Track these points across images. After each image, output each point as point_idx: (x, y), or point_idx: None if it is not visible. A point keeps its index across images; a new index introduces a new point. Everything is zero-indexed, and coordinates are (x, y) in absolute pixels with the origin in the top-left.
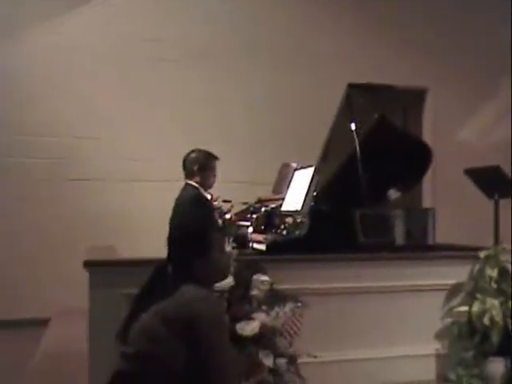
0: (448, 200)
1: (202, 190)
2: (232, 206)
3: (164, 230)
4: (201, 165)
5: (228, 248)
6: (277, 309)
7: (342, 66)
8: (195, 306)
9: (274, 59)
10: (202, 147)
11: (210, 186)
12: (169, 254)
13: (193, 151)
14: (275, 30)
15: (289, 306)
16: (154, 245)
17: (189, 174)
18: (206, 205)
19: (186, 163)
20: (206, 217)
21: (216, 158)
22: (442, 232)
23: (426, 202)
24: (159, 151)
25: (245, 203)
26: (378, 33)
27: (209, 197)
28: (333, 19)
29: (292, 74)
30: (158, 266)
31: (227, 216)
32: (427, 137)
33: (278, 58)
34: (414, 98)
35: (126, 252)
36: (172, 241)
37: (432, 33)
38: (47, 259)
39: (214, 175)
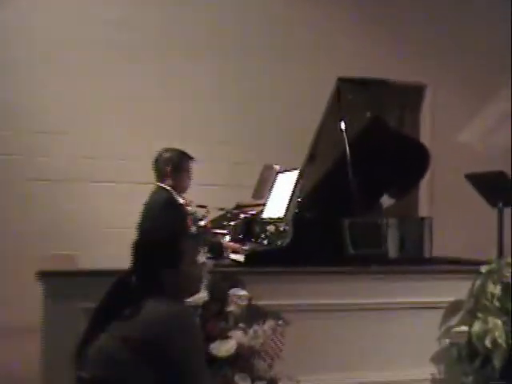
0: (447, 208)
1: (174, 194)
2: (207, 212)
3: (130, 238)
4: (174, 166)
5: (202, 258)
6: (256, 327)
7: (334, 61)
8: (165, 323)
9: (256, 54)
10: (176, 146)
11: (183, 190)
12: (134, 264)
13: (165, 150)
14: (259, 24)
15: (269, 324)
16: (119, 254)
17: (160, 176)
18: (179, 210)
19: (158, 164)
20: (177, 223)
21: (191, 158)
22: (440, 243)
23: (423, 211)
24: (127, 150)
25: (222, 209)
26: (374, 28)
27: (182, 201)
28: (328, 15)
29: (278, 70)
30: (120, 277)
31: (202, 223)
32: (425, 138)
33: (261, 53)
34: (412, 96)
35: (87, 261)
36: (138, 248)
37: (432, 32)
38: None
39: (189, 177)
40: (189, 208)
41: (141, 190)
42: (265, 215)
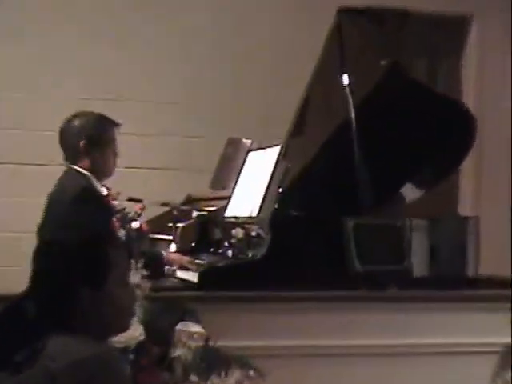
0: (499, 203)
1: (93, 180)
2: (143, 209)
3: (26, 246)
4: (90, 138)
5: (135, 277)
6: (215, 379)
7: None
8: (76, 373)
9: None
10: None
11: (107, 173)
12: (32, 284)
13: (75, 116)
14: None
15: (235, 376)
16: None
17: (71, 155)
18: (100, 204)
19: (66, 137)
20: (98, 224)
21: (115, 123)
22: (491, 255)
23: (465, 206)
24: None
25: (165, 204)
26: None
27: (104, 192)
28: None
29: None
30: (8, 306)
31: (135, 224)
32: (468, 98)
33: None
34: (449, 34)
35: None
36: (39, 261)
37: None
38: None
39: (114, 154)
40: (115, 202)
41: (46, 175)
42: (229, 213)
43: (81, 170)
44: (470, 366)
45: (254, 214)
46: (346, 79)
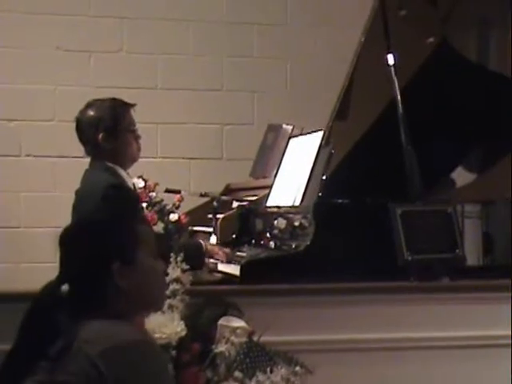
0: None
1: (120, 171)
2: (181, 200)
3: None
4: (107, 129)
5: (174, 271)
6: (260, 376)
7: None
8: (117, 360)
9: None
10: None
11: (131, 159)
12: (63, 275)
13: (89, 106)
14: None
15: (281, 373)
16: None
17: (92, 149)
18: (130, 198)
19: (83, 130)
20: (129, 221)
21: (130, 105)
22: None
23: None
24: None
25: (204, 195)
26: None
27: (140, 184)
28: None
29: None
30: (40, 297)
31: (173, 217)
32: None
33: None
34: (499, 5)
35: None
36: (71, 255)
37: None
38: None
39: (136, 137)
40: (153, 194)
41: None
42: (271, 202)
43: (105, 162)
44: None
45: (297, 203)
46: (391, 59)
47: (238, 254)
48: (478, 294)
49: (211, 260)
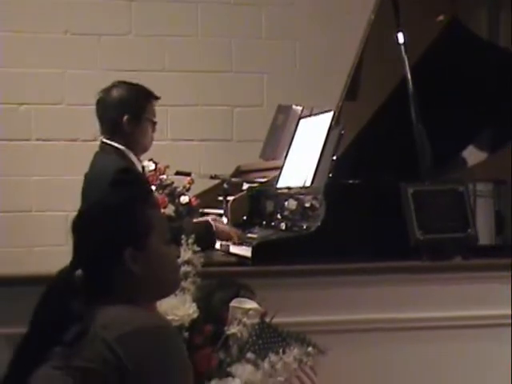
0: None
1: (130, 155)
2: (192, 182)
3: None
4: (133, 112)
5: (185, 253)
6: (273, 357)
7: None
8: (133, 345)
9: None
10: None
11: (144, 148)
12: (77, 260)
13: (114, 86)
14: None
15: (293, 353)
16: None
17: (110, 128)
18: (139, 184)
19: (105, 108)
20: (141, 206)
21: (155, 96)
22: None
23: None
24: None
25: (214, 177)
26: None
27: (151, 167)
28: None
29: None
30: (54, 282)
31: (184, 199)
32: None
33: None
34: None
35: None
36: (83, 240)
37: None
38: None
39: (153, 129)
40: (163, 177)
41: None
42: (281, 184)
43: (116, 145)
44: None
45: (308, 184)
46: (401, 37)
47: (249, 235)
48: (490, 273)
49: (223, 242)
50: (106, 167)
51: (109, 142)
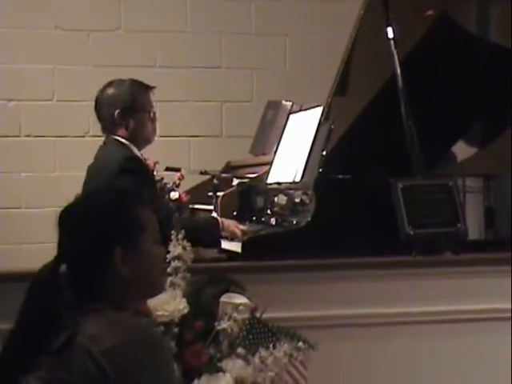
0: None
1: (133, 149)
2: (182, 178)
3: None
4: (124, 105)
5: (175, 248)
6: (263, 352)
7: None
8: (119, 358)
9: None
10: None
11: (146, 140)
12: (62, 255)
13: (109, 84)
14: None
15: (283, 348)
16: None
17: (108, 125)
18: (145, 173)
19: (101, 106)
20: (133, 204)
21: (149, 87)
22: None
23: None
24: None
25: (204, 172)
26: None
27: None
28: None
29: None
30: (39, 277)
31: (173, 195)
32: None
33: None
34: None
35: None
36: (71, 236)
37: None
38: None
39: (152, 119)
40: (153, 172)
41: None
42: (271, 179)
43: (120, 139)
44: None
45: (298, 179)
46: (390, 32)
47: (240, 230)
48: (480, 268)
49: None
50: (112, 157)
51: (112, 136)
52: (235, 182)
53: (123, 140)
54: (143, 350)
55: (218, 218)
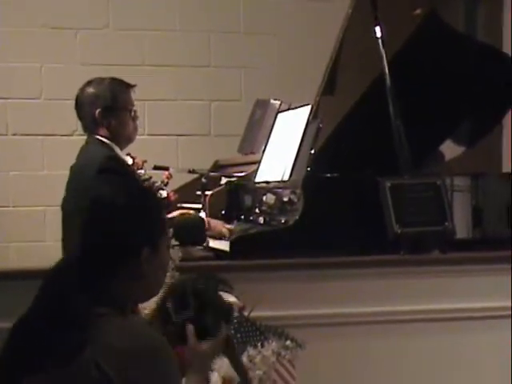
0: None
1: (115, 149)
2: (170, 177)
3: (51, 220)
4: (105, 104)
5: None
6: (251, 351)
7: None
8: (128, 370)
9: None
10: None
11: (127, 139)
12: (86, 253)
13: (89, 83)
14: None
15: (271, 347)
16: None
17: (89, 124)
18: (126, 173)
19: (81, 106)
20: (158, 207)
21: (129, 85)
22: None
23: (509, 163)
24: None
25: (192, 171)
26: None
27: (129, 160)
28: None
29: None
30: (50, 277)
31: (162, 193)
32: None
33: None
34: None
35: None
36: (98, 232)
37: None
38: None
39: (133, 118)
40: (141, 171)
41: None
42: (259, 178)
43: (101, 138)
44: None
45: (286, 178)
46: (378, 31)
47: (228, 229)
48: (467, 267)
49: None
50: (93, 157)
51: (94, 135)
52: (223, 180)
53: (105, 139)
54: (152, 358)
55: (205, 218)
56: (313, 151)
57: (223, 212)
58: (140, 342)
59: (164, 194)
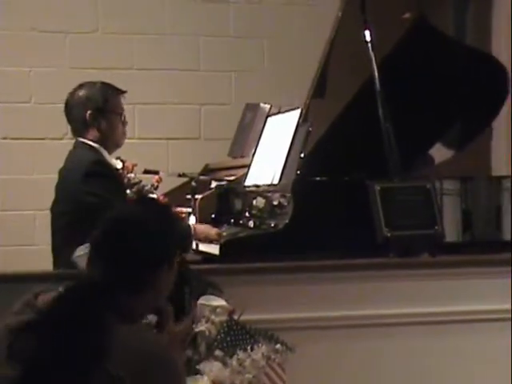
0: None
1: (103, 153)
2: (160, 181)
3: (41, 225)
4: (96, 107)
5: None
6: (241, 355)
7: None
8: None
9: None
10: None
11: (116, 143)
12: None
13: (80, 86)
14: None
15: (261, 350)
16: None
17: (78, 127)
18: (112, 178)
19: (71, 108)
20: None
21: (120, 91)
22: None
23: (498, 167)
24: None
25: (182, 175)
26: None
27: (119, 164)
28: None
29: None
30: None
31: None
32: (500, 51)
33: None
34: None
35: None
36: (125, 249)
37: None
38: None
39: (123, 123)
40: (131, 175)
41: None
42: (249, 182)
43: (90, 142)
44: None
45: (276, 182)
46: (368, 35)
47: (218, 232)
48: (457, 270)
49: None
50: (81, 161)
51: (82, 139)
52: (213, 184)
53: (93, 143)
54: (165, 360)
55: (191, 224)
56: (302, 155)
57: (213, 216)
58: (152, 346)
59: (154, 197)
